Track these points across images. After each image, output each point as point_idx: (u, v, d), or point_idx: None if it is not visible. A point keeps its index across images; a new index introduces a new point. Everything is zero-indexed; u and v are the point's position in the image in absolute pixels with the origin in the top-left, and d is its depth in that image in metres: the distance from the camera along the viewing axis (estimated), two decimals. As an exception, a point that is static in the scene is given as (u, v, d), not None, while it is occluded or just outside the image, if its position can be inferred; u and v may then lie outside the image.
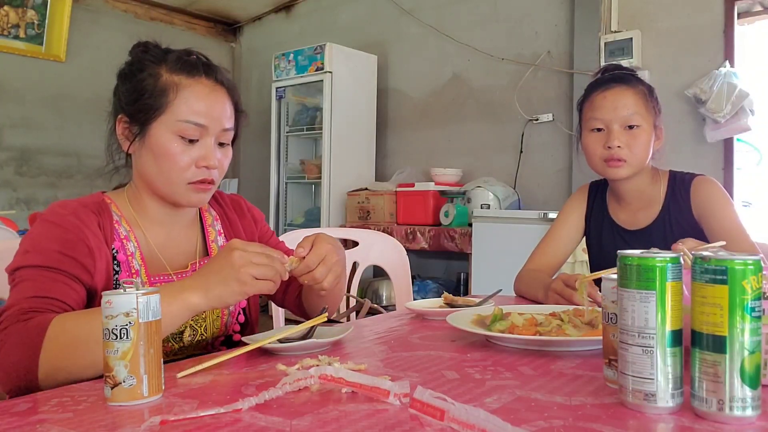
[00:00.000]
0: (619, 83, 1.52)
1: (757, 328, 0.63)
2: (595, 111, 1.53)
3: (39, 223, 1.05)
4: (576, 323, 1.02)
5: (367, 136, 4.58)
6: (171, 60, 1.11)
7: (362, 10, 4.83)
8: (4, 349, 0.89)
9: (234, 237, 1.26)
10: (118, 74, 1.15)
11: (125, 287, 0.76)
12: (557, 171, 3.79)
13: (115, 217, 1.12)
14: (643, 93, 1.52)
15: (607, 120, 1.50)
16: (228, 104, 1.14)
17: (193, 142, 1.09)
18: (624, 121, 1.49)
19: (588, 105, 1.56)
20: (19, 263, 0.99)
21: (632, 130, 1.50)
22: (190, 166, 1.09)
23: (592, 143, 1.54)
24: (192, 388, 0.79)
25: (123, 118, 1.12)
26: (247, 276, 0.92)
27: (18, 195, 4.52)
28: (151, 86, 1.09)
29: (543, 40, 3.85)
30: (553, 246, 1.68)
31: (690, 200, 1.52)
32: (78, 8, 4.68)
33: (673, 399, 0.67)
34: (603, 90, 1.53)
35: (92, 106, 4.75)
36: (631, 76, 1.56)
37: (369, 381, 0.72)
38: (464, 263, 3.80)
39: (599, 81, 1.57)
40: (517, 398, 0.73)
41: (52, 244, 1.00)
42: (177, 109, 1.08)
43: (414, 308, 1.34)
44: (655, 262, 0.67)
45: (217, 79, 1.14)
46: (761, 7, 3.25)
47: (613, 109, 1.50)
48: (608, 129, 1.51)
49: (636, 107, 1.50)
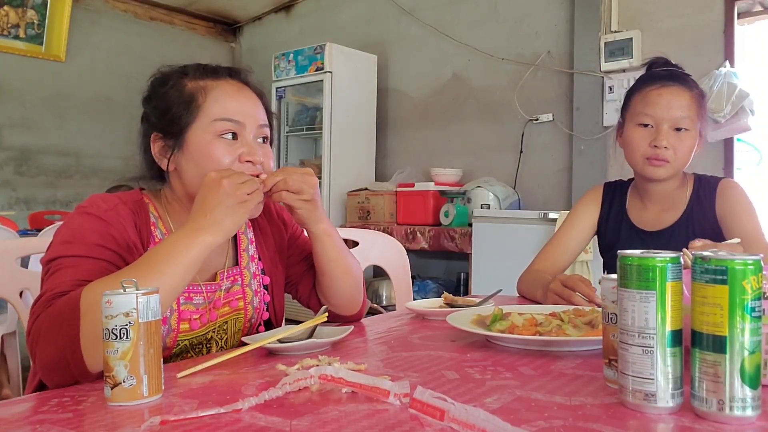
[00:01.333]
0: (677, 83, 1.48)
1: (757, 328, 0.63)
2: (647, 106, 1.48)
3: (79, 214, 1.02)
4: (576, 323, 1.02)
5: (367, 136, 4.58)
6: (191, 69, 1.11)
7: (362, 10, 4.83)
8: (40, 340, 0.86)
9: (264, 245, 1.25)
10: (142, 100, 1.14)
11: (125, 287, 0.76)
12: (557, 171, 3.79)
13: (152, 219, 1.10)
14: (698, 97, 1.49)
15: (659, 118, 1.46)
16: (258, 102, 1.13)
17: (233, 139, 1.07)
18: (675, 122, 1.46)
19: (639, 98, 1.51)
20: (59, 253, 0.96)
21: (680, 133, 1.46)
22: (233, 164, 1.06)
23: (638, 138, 1.49)
24: (192, 388, 0.79)
25: (157, 136, 1.10)
26: (243, 195, 0.96)
27: (17, 195, 4.52)
28: (177, 96, 1.07)
29: (543, 40, 3.84)
30: (560, 248, 1.65)
31: (715, 202, 1.50)
32: (78, 8, 4.67)
33: (673, 399, 0.67)
34: (660, 86, 1.48)
35: (92, 106, 4.76)
36: (688, 77, 1.52)
37: (369, 381, 0.72)
38: (464, 263, 3.79)
39: (656, 75, 1.52)
40: (517, 398, 0.73)
41: (94, 236, 0.98)
42: (209, 110, 1.06)
43: (414, 308, 1.34)
44: (655, 262, 0.67)
45: (242, 80, 1.13)
46: (761, 7, 3.25)
47: (667, 108, 1.45)
48: (657, 127, 1.46)
49: (689, 110, 1.46)
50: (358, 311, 1.28)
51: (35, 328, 0.88)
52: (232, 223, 0.96)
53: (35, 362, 0.89)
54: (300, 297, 1.31)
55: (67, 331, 0.84)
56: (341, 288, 1.21)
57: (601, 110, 3.51)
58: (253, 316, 1.19)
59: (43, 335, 0.86)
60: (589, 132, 3.55)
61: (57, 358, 0.84)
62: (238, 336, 1.16)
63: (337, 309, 1.23)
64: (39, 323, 0.87)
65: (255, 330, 1.20)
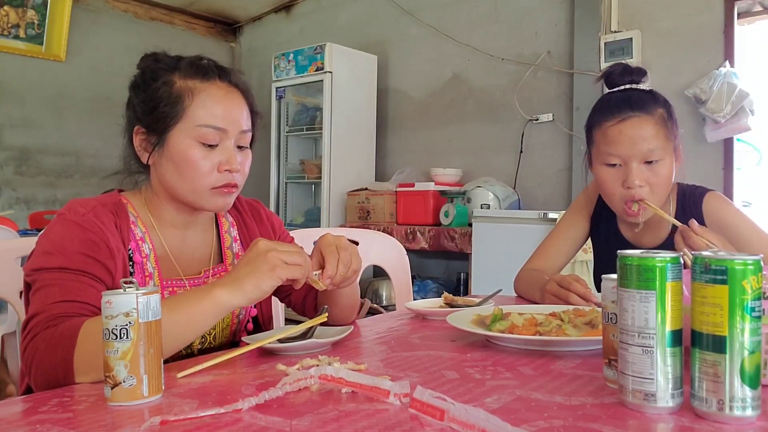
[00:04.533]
0: (637, 111, 1.35)
1: (757, 328, 0.63)
2: (609, 145, 1.37)
3: (59, 222, 1.03)
4: (576, 323, 1.02)
5: (367, 136, 4.58)
6: (183, 66, 1.10)
7: (362, 10, 4.83)
8: (37, 356, 0.88)
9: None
10: (130, 86, 1.14)
11: (125, 287, 0.76)
12: (557, 171, 3.79)
13: (131, 218, 1.11)
14: (662, 118, 1.36)
15: (625, 156, 1.35)
16: (244, 106, 1.13)
17: (213, 146, 1.08)
18: (643, 156, 1.34)
19: (600, 135, 1.39)
20: (41, 264, 0.97)
21: (652, 165, 1.35)
22: (212, 172, 1.08)
23: (609, 180, 1.39)
24: (192, 388, 0.79)
25: (140, 130, 1.11)
26: (276, 259, 0.92)
27: (17, 195, 4.52)
28: (166, 94, 1.08)
29: (543, 40, 3.84)
30: (556, 248, 1.62)
31: (703, 218, 1.44)
32: (78, 8, 4.67)
33: (673, 399, 0.67)
34: (618, 121, 1.35)
35: (92, 106, 4.76)
36: (648, 97, 1.38)
37: (369, 381, 0.72)
38: (464, 263, 3.79)
39: (612, 104, 1.39)
40: (517, 398, 0.73)
41: (74, 244, 0.99)
42: (194, 114, 1.07)
43: (414, 308, 1.34)
44: (655, 262, 0.67)
45: (232, 82, 1.13)
46: (761, 7, 3.25)
47: (631, 145, 1.34)
48: (626, 165, 1.36)
49: (656, 140, 1.34)
50: (352, 320, 1.28)
51: (32, 347, 0.90)
52: (256, 284, 0.91)
53: (29, 380, 0.91)
54: (293, 305, 1.31)
55: (63, 356, 0.86)
56: (338, 300, 1.20)
57: (601, 110, 3.51)
58: (241, 312, 1.20)
59: (39, 355, 0.88)
60: (589, 132, 3.55)
61: (50, 381, 0.87)
62: (227, 332, 1.17)
63: (333, 320, 1.23)
64: (36, 343, 0.89)
65: (243, 326, 1.21)
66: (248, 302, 0.93)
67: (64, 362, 0.86)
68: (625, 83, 1.43)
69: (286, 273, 0.93)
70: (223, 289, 0.91)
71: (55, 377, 0.86)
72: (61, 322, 0.90)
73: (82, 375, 0.86)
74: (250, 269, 0.92)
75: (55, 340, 0.88)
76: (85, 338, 0.86)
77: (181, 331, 0.90)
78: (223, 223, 1.24)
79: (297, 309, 1.31)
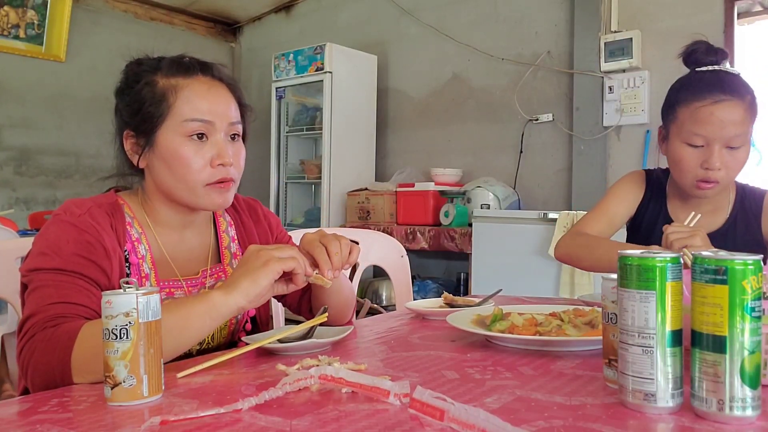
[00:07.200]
0: (730, 95, 1.33)
1: (757, 328, 0.63)
2: (696, 125, 1.34)
3: (55, 222, 1.03)
4: (576, 323, 1.02)
5: (367, 136, 4.58)
6: (165, 66, 1.11)
7: (362, 10, 4.82)
8: (34, 357, 0.88)
9: (249, 244, 1.24)
10: (115, 92, 1.14)
11: (125, 287, 0.76)
12: (557, 171, 3.79)
13: (127, 219, 1.10)
14: (751, 104, 1.36)
15: (710, 138, 1.34)
16: (231, 98, 1.13)
17: (202, 140, 1.07)
18: (728, 141, 1.34)
19: (688, 113, 1.37)
20: (37, 265, 0.97)
21: (733, 151, 1.36)
22: (205, 167, 1.07)
23: (688, 159, 1.38)
24: (192, 388, 0.79)
25: (129, 133, 1.11)
26: (267, 255, 0.93)
27: (17, 195, 4.51)
28: (150, 94, 1.08)
29: (543, 40, 3.84)
30: (607, 217, 1.55)
31: (762, 217, 1.45)
32: (78, 8, 4.67)
33: (673, 399, 0.67)
34: (712, 102, 1.33)
35: (92, 106, 4.75)
36: (740, 82, 1.36)
37: (369, 381, 0.72)
38: (464, 263, 3.79)
39: (706, 85, 1.36)
40: (517, 398, 0.73)
41: (69, 245, 0.99)
42: (179, 110, 1.07)
43: (414, 308, 1.34)
44: (655, 262, 0.67)
45: (215, 76, 1.13)
46: (761, 7, 3.25)
47: (720, 129, 1.32)
48: (708, 147, 1.35)
49: (743, 126, 1.33)
50: (348, 321, 1.28)
51: (29, 348, 0.89)
52: (250, 282, 0.92)
53: (26, 381, 0.91)
54: (289, 306, 1.31)
55: (60, 358, 0.86)
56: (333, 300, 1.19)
57: (601, 110, 3.51)
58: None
59: (37, 356, 0.88)
60: (589, 132, 3.55)
61: (47, 382, 0.87)
62: (225, 332, 1.17)
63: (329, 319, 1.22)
64: (34, 344, 0.89)
65: (241, 326, 1.20)
66: (248, 300, 0.92)
67: (62, 364, 0.86)
68: (709, 63, 1.42)
69: (280, 265, 0.93)
70: (220, 291, 0.92)
71: (52, 379, 0.87)
72: (59, 323, 0.90)
73: (80, 377, 0.86)
74: (244, 270, 0.93)
75: (53, 342, 0.88)
76: (83, 341, 0.86)
77: (179, 336, 0.90)
78: (221, 223, 1.24)
79: (293, 309, 1.31)
